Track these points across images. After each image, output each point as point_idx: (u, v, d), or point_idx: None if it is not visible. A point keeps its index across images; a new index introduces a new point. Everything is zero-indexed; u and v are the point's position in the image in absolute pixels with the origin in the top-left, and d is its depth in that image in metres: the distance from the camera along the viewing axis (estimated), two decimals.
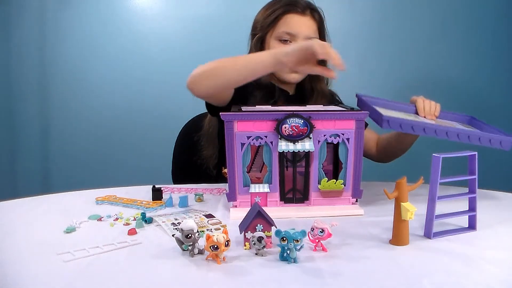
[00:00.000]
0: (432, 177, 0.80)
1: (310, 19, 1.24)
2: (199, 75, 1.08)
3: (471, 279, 0.64)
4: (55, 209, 0.99)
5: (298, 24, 1.22)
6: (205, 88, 1.09)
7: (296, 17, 1.23)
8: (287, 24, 1.22)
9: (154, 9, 2.22)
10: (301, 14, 1.23)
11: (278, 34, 1.23)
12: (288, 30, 1.22)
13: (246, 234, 0.76)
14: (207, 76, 1.08)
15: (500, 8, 2.20)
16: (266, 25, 1.25)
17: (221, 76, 1.06)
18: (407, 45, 2.22)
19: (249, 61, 1.05)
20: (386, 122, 0.98)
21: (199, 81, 1.08)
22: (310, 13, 1.24)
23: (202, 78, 1.08)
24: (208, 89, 1.10)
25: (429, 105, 1.20)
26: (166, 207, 1.03)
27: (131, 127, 2.25)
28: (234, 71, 1.05)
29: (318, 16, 1.26)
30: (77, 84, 2.24)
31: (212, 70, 1.07)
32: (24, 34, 2.19)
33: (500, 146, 1.04)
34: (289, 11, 1.23)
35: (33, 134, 2.27)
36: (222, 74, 1.06)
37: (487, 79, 2.25)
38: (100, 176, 2.24)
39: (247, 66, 1.04)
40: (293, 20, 1.22)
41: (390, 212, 0.80)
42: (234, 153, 0.95)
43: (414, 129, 0.99)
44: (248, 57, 1.06)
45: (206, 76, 1.08)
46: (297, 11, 1.23)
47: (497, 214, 0.96)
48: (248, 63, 1.04)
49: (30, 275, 0.66)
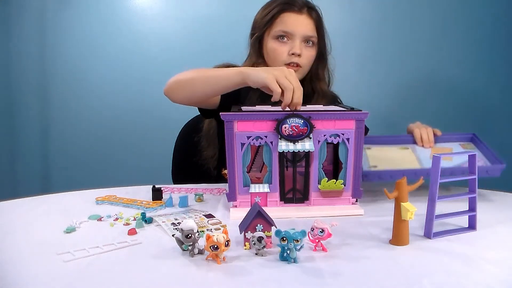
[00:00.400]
0: (432, 177, 0.80)
1: (307, 17, 1.23)
2: (174, 84, 1.13)
3: (471, 279, 0.64)
4: (55, 209, 0.99)
5: (295, 22, 1.22)
6: (180, 97, 1.14)
7: (292, 15, 1.22)
8: (284, 22, 1.22)
9: (154, 9, 2.22)
10: (298, 12, 1.22)
11: (275, 33, 1.23)
12: (284, 29, 1.21)
13: (246, 234, 0.76)
14: (181, 86, 1.12)
15: (499, 9, 2.20)
16: (263, 24, 1.25)
17: (192, 89, 1.10)
18: (407, 45, 2.22)
19: (219, 77, 1.06)
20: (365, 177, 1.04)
21: (174, 90, 1.14)
22: (307, 12, 1.23)
23: (176, 88, 1.13)
24: (182, 99, 1.15)
25: (426, 134, 1.19)
26: (166, 207, 1.03)
27: (131, 127, 2.25)
28: (205, 85, 1.08)
29: (315, 14, 1.25)
30: (77, 84, 2.24)
31: (185, 82, 1.11)
32: (24, 34, 2.19)
33: (487, 174, 1.04)
34: (286, 9, 1.23)
35: (33, 134, 2.27)
36: (194, 87, 1.10)
37: (486, 80, 2.25)
38: (100, 176, 2.24)
39: (217, 82, 1.06)
40: (290, 19, 1.22)
41: (390, 212, 0.80)
42: (234, 153, 0.95)
43: (392, 177, 1.02)
44: (218, 72, 1.06)
45: (179, 86, 1.12)
46: (293, 9, 1.22)
47: (497, 214, 0.96)
48: (218, 79, 1.06)
49: (30, 275, 0.66)
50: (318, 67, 1.31)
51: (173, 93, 1.14)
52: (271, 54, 1.25)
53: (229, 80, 1.03)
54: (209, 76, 1.08)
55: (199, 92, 1.10)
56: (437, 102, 2.25)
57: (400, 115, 2.23)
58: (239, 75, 1.01)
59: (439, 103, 2.25)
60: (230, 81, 1.03)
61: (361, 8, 2.21)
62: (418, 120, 1.25)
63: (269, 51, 1.25)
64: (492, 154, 1.10)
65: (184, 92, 1.12)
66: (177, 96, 1.14)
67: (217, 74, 1.06)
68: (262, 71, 0.97)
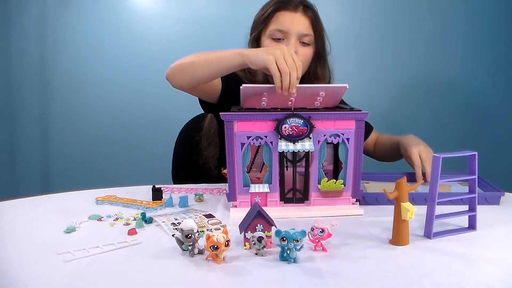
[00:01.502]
0: (432, 177, 0.80)
1: (302, 15, 1.22)
2: (176, 68, 1.12)
3: (471, 279, 0.65)
4: (55, 209, 0.99)
5: (289, 21, 1.20)
6: (181, 81, 1.14)
7: (287, 14, 1.21)
8: (278, 21, 1.21)
9: (154, 9, 2.22)
10: (293, 11, 1.21)
11: (271, 32, 1.22)
12: (279, 28, 1.20)
13: (246, 234, 0.76)
14: (182, 70, 1.12)
15: (499, 9, 2.20)
16: (259, 23, 1.25)
17: (193, 72, 1.09)
18: (407, 45, 2.22)
19: (219, 59, 1.06)
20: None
21: (175, 74, 1.13)
22: (303, 10, 1.22)
23: (177, 71, 1.12)
24: (183, 83, 1.14)
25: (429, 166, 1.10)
26: (166, 207, 1.02)
27: (131, 127, 2.25)
28: (206, 67, 1.07)
29: (311, 12, 1.24)
30: (77, 84, 2.24)
31: (186, 65, 1.11)
32: (24, 34, 2.19)
33: (486, 202, 1.03)
34: (281, 8, 1.22)
35: (33, 134, 2.27)
36: (195, 70, 1.09)
37: (486, 80, 2.25)
38: (100, 176, 2.24)
39: (218, 64, 1.05)
40: (284, 17, 1.21)
41: (390, 212, 0.80)
42: (234, 153, 0.95)
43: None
44: (219, 54, 1.06)
45: (181, 70, 1.12)
46: (288, 8, 1.21)
47: (497, 214, 0.96)
48: (218, 61, 1.06)
49: (30, 275, 0.66)
50: (317, 66, 1.30)
51: (174, 77, 1.13)
52: None
53: (229, 61, 1.03)
54: (209, 58, 1.07)
55: (199, 75, 1.09)
56: (437, 102, 2.25)
57: (400, 115, 2.23)
58: (239, 56, 1.00)
59: (439, 103, 2.25)
60: (230, 63, 1.03)
61: (361, 8, 2.20)
62: (418, 120, 1.25)
63: None
64: (491, 185, 1.10)
65: (185, 75, 1.11)
66: (178, 80, 1.14)
67: (218, 56, 1.06)
68: (262, 51, 0.96)
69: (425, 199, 0.85)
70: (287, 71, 0.90)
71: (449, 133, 2.22)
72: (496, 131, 2.26)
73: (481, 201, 1.00)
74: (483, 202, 1.02)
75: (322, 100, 0.98)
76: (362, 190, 1.00)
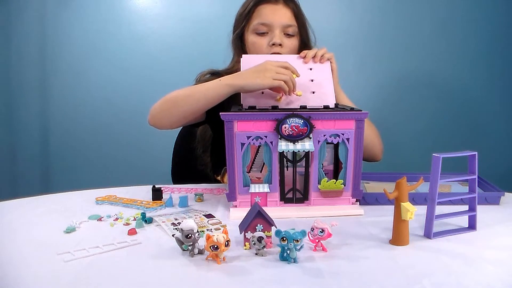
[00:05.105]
0: (432, 177, 0.80)
1: (283, 7, 1.21)
2: (159, 109, 1.12)
3: (471, 279, 0.65)
4: (55, 209, 0.99)
5: (272, 13, 1.20)
6: (168, 121, 1.12)
7: (269, 7, 1.21)
8: (260, 15, 1.21)
9: (154, 9, 2.22)
10: (274, 3, 1.21)
11: (254, 27, 1.21)
12: (262, 21, 1.20)
13: (246, 234, 0.76)
14: (167, 108, 1.10)
15: (499, 10, 2.20)
16: (241, 20, 1.25)
17: (181, 106, 1.08)
18: (406, 45, 2.22)
19: (207, 90, 1.05)
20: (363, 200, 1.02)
21: (160, 115, 1.12)
22: (283, 1, 1.22)
23: (162, 111, 1.11)
24: (170, 121, 1.13)
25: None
26: (166, 207, 1.03)
27: (131, 127, 2.25)
28: (193, 100, 1.07)
29: (292, 4, 1.23)
30: (77, 84, 2.24)
31: (170, 102, 1.10)
32: (24, 34, 2.19)
33: (486, 202, 1.03)
34: (262, 2, 1.22)
35: (33, 134, 2.27)
36: (182, 105, 1.08)
37: (485, 80, 2.25)
38: (100, 176, 2.24)
39: (206, 96, 1.05)
40: (266, 11, 1.21)
41: (390, 212, 0.80)
42: (234, 153, 0.95)
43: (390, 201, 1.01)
44: (205, 86, 1.06)
45: (165, 109, 1.11)
46: (269, 1, 1.21)
47: (497, 214, 0.96)
48: (206, 92, 1.05)
49: (30, 275, 0.66)
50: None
51: (161, 118, 1.12)
52: (252, 49, 1.23)
53: (217, 93, 1.03)
54: (193, 94, 1.07)
55: (189, 109, 1.08)
56: (436, 102, 2.25)
57: (400, 115, 2.23)
58: (229, 88, 1.02)
59: (438, 103, 2.25)
60: (219, 95, 1.03)
61: (361, 8, 2.20)
62: (418, 120, 1.25)
63: (250, 46, 1.24)
64: (493, 186, 1.09)
65: (174, 111, 1.10)
66: (165, 120, 1.12)
67: (206, 88, 1.05)
68: (252, 77, 1.00)
69: (425, 199, 0.85)
70: (288, 78, 0.98)
71: (448, 133, 2.22)
72: (495, 131, 2.26)
73: (481, 201, 1.00)
74: (483, 202, 1.02)
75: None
76: (362, 190, 1.00)
